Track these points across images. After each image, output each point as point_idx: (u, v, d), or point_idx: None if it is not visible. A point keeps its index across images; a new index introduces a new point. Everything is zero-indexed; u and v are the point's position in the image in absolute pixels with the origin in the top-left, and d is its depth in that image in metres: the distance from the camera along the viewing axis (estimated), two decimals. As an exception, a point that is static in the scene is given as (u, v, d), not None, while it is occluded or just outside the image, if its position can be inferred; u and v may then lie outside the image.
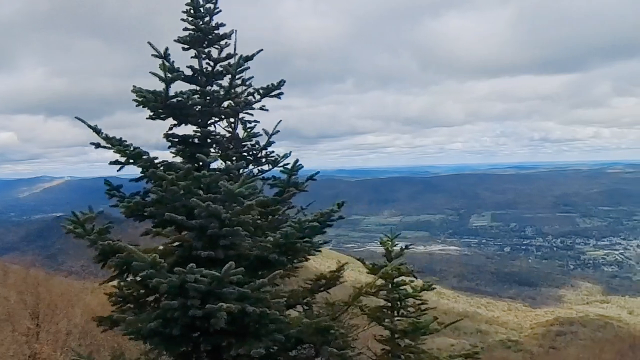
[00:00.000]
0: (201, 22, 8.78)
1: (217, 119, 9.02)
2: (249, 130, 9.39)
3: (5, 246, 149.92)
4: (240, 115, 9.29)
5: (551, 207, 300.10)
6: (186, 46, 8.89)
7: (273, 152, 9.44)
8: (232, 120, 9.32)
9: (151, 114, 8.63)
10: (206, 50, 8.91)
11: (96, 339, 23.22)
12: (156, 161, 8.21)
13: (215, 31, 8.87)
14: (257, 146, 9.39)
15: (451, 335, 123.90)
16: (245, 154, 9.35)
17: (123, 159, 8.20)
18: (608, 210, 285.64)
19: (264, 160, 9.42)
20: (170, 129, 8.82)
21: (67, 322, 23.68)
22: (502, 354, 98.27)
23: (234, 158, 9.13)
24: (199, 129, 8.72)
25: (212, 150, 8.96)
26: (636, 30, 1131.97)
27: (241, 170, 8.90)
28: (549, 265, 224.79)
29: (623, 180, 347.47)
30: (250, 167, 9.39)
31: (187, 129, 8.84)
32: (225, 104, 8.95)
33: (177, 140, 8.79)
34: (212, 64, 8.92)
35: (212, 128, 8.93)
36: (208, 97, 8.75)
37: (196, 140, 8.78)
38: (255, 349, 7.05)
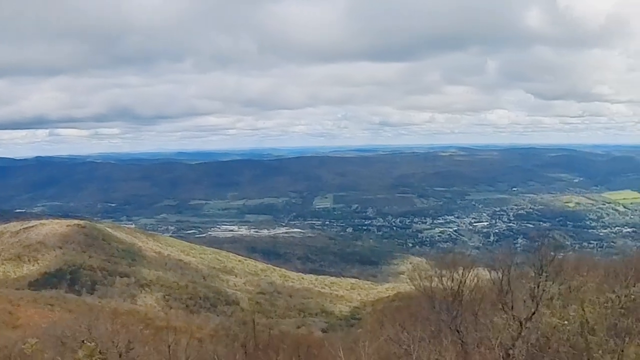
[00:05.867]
0: None
1: None
2: None
3: None
4: None
5: (390, 188, 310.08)
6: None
7: None
8: None
9: None
10: None
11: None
12: None
13: None
14: None
15: (297, 316, 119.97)
16: None
17: None
18: (443, 191, 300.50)
19: None
20: None
21: None
22: (347, 331, 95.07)
23: None
24: None
25: None
26: (461, 25, 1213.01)
27: None
28: (389, 244, 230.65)
29: (456, 163, 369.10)
30: None
31: None
32: None
33: None
34: None
35: None
36: None
37: None
38: None
